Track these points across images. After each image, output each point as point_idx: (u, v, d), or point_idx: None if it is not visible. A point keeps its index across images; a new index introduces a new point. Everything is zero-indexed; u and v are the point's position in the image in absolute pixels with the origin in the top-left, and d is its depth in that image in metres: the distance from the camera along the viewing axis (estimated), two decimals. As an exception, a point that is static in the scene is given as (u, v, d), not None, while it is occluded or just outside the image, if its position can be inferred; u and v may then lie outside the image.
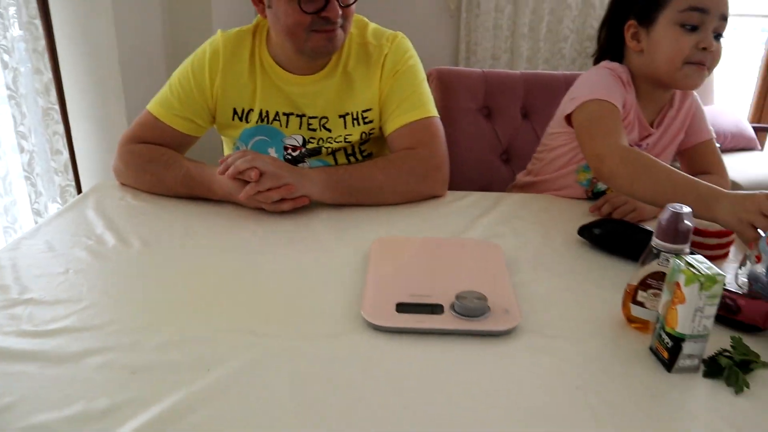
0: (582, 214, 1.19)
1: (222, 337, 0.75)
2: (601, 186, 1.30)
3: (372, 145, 1.35)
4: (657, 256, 0.76)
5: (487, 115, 1.71)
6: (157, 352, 0.72)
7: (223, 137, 1.40)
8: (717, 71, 3.35)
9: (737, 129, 3.10)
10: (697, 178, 0.99)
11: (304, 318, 0.80)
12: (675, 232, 0.74)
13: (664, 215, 0.74)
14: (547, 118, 1.39)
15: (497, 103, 1.71)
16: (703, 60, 1.16)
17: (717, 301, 0.68)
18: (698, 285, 0.67)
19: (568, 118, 1.25)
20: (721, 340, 0.75)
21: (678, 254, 0.73)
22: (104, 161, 2.18)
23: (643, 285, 0.77)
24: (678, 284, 0.69)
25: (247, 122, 1.28)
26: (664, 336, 0.72)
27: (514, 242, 1.05)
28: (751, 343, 0.75)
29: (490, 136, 1.70)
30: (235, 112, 1.28)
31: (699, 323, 0.69)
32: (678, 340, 0.70)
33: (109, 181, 1.28)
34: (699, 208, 0.75)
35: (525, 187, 1.45)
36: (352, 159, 1.34)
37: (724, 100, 3.28)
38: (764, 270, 0.82)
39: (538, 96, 1.71)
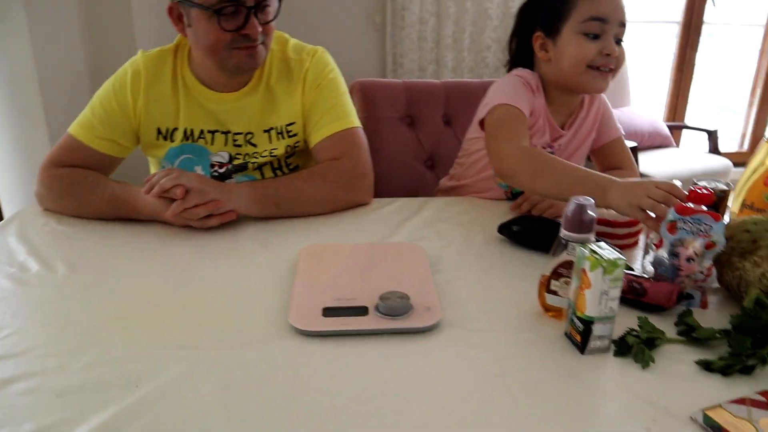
0: (503, 213, 1.24)
1: (150, 353, 0.75)
2: (520, 186, 1.36)
3: (298, 158, 1.37)
4: (566, 246, 0.81)
5: (410, 124, 1.75)
6: (84, 373, 0.71)
7: (148, 157, 1.39)
8: (633, 75, 3.47)
9: (653, 128, 3.27)
10: (593, 171, 1.06)
11: (232, 328, 0.81)
12: (580, 222, 0.79)
13: (570, 207, 0.80)
14: (468, 124, 1.44)
15: (420, 111, 1.75)
16: (608, 64, 1.23)
17: (620, 283, 0.73)
18: (602, 270, 0.72)
19: (482, 123, 1.30)
20: (631, 321, 0.80)
21: (584, 243, 0.78)
22: (25, 187, 2.11)
23: (555, 274, 0.82)
24: (584, 270, 0.74)
25: (172, 141, 1.28)
26: (575, 320, 0.76)
27: (438, 243, 1.09)
28: (657, 321, 0.80)
29: (413, 144, 1.74)
30: (159, 131, 1.27)
31: (606, 306, 0.74)
32: (588, 323, 0.75)
33: (32, 207, 1.24)
34: (595, 197, 0.82)
35: (449, 191, 1.50)
36: (278, 173, 1.35)
37: (640, 102, 3.45)
38: (665, 254, 0.88)
39: (459, 103, 1.76)
